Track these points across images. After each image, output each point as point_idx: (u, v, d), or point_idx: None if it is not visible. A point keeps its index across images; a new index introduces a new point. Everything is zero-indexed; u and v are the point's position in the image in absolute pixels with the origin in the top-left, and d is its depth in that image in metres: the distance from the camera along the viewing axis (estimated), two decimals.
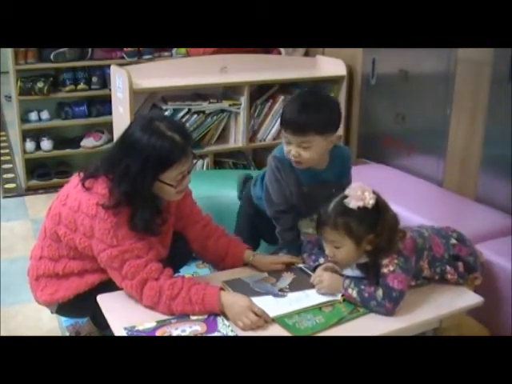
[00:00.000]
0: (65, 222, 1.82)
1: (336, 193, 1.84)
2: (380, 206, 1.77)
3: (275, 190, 2.07)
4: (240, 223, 2.38)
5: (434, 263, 1.88)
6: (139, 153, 1.73)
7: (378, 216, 1.75)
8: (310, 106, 1.93)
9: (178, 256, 2.05)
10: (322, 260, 1.92)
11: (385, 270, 1.75)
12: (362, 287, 1.76)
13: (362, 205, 1.73)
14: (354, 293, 1.76)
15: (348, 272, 1.85)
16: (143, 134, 1.74)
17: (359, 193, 1.74)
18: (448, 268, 1.90)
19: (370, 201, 1.73)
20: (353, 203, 1.73)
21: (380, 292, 1.73)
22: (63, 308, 1.95)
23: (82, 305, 1.89)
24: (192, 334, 1.63)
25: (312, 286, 1.86)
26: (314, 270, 1.91)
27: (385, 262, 1.76)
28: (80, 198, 1.79)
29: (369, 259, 1.80)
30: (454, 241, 1.95)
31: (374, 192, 1.76)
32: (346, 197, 1.76)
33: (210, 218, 2.15)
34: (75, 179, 1.87)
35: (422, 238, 1.89)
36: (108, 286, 1.81)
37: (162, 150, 1.73)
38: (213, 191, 2.58)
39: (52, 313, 2.06)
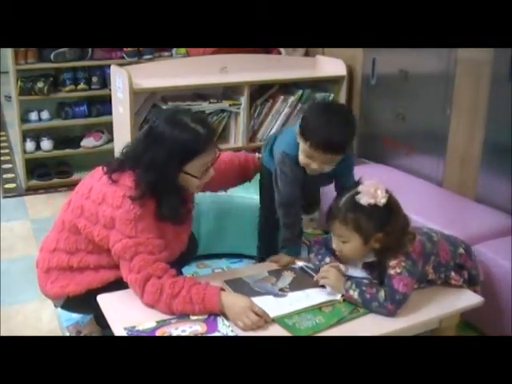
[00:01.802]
0: (87, 214, 1.84)
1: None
2: (391, 206, 1.77)
3: (282, 183, 2.06)
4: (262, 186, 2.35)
5: (440, 268, 1.88)
6: (164, 144, 1.79)
7: (389, 215, 1.75)
8: (341, 126, 1.90)
9: (186, 250, 2.06)
10: (328, 260, 1.92)
11: (391, 272, 1.75)
12: (364, 288, 1.76)
13: (373, 202, 1.73)
14: (355, 294, 1.76)
15: (352, 272, 1.85)
16: (168, 127, 1.81)
17: (372, 190, 1.74)
18: (453, 274, 1.90)
19: (381, 199, 1.73)
20: (364, 199, 1.73)
21: (382, 293, 1.73)
22: (71, 303, 1.95)
23: (91, 301, 1.86)
24: (192, 334, 1.63)
25: (312, 286, 1.86)
26: (319, 269, 1.91)
27: (392, 263, 1.75)
28: (105, 191, 1.81)
29: (376, 258, 1.80)
30: (461, 250, 1.96)
31: (386, 191, 1.76)
32: (358, 193, 1.76)
33: (230, 155, 2.31)
34: (97, 173, 1.90)
35: (431, 243, 1.89)
36: (120, 284, 1.81)
37: (187, 142, 1.80)
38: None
39: (56, 307, 2.06)
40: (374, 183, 1.76)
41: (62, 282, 1.92)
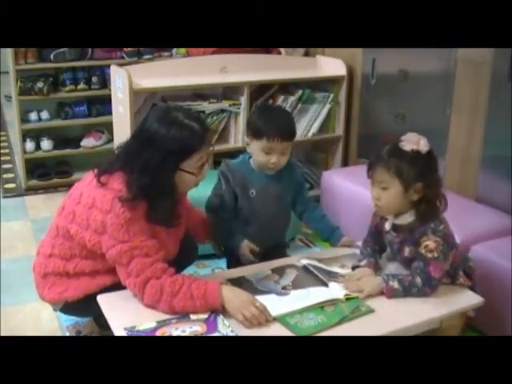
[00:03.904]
0: (78, 220, 1.81)
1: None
2: (432, 157, 1.82)
3: (213, 190, 2.18)
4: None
5: (449, 270, 1.89)
6: (159, 144, 1.76)
7: (430, 165, 1.81)
8: (288, 114, 2.22)
9: (186, 253, 2.07)
10: (363, 263, 1.95)
11: (429, 255, 1.79)
12: (400, 277, 1.81)
13: (416, 148, 1.78)
14: (395, 284, 1.80)
15: (390, 271, 1.90)
16: (161, 126, 1.77)
17: (415, 138, 1.79)
18: (461, 273, 1.92)
19: (424, 147, 1.78)
20: (407, 146, 1.78)
21: (419, 279, 1.79)
22: (69, 307, 1.94)
23: (89, 305, 1.86)
24: (192, 335, 1.63)
25: (315, 285, 1.87)
26: (352, 268, 1.96)
27: (430, 245, 1.79)
28: (94, 195, 1.79)
29: (414, 217, 1.83)
30: (471, 263, 1.99)
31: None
32: (401, 141, 1.81)
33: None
34: (88, 177, 1.87)
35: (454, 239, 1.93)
36: (118, 288, 1.80)
37: (183, 140, 1.77)
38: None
39: (55, 310, 2.05)
40: (416, 134, 1.82)
41: (59, 288, 1.91)
